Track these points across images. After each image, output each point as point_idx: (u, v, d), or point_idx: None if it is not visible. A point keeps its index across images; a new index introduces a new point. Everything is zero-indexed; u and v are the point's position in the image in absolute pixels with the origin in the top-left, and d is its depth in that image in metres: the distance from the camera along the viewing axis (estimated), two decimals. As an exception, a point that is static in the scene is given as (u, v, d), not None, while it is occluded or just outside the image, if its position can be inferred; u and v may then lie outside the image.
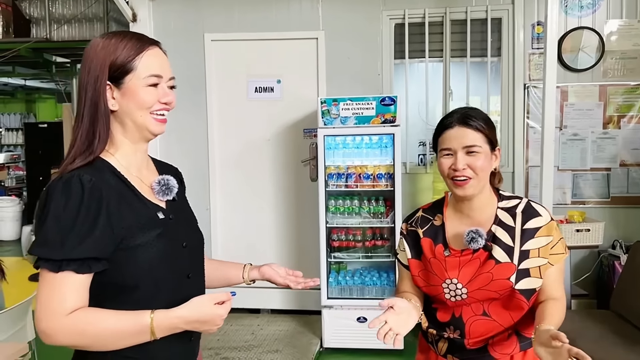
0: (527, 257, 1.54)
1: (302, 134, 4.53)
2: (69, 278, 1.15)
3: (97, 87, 1.24)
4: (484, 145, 1.55)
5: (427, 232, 1.66)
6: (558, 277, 1.57)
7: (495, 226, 1.58)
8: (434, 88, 4.45)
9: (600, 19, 4.23)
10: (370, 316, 3.83)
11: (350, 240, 4.04)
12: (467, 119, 1.56)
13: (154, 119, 1.28)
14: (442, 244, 1.62)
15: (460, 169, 1.53)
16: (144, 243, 1.23)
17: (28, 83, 10.40)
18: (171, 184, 1.34)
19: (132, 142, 1.30)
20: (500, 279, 1.53)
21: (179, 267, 1.32)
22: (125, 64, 1.25)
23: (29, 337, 2.80)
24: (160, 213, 1.30)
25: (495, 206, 1.61)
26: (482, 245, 1.54)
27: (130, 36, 1.28)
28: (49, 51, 6.71)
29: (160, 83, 1.29)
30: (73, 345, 1.20)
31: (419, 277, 1.66)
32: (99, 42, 1.27)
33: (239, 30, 4.53)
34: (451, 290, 1.58)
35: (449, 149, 1.56)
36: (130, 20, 4.54)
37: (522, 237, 1.55)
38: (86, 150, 1.24)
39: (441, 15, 4.36)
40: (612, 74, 4.25)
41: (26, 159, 9.16)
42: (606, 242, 4.11)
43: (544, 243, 1.54)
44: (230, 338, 4.11)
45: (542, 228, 1.55)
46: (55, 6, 6.06)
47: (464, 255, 1.58)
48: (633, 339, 2.86)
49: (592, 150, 4.29)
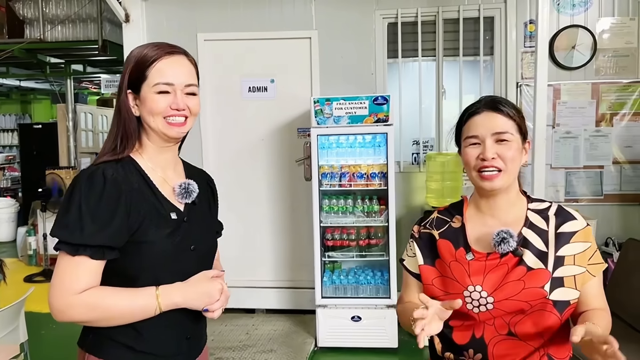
0: (562, 264, 1.36)
1: (297, 134, 4.53)
2: (84, 262, 1.25)
3: (121, 94, 1.36)
4: (516, 134, 1.38)
5: (444, 234, 1.47)
6: (600, 289, 1.40)
7: (526, 229, 1.40)
8: (427, 87, 4.45)
9: (592, 17, 4.24)
10: (365, 315, 3.86)
11: (345, 239, 4.04)
12: (497, 103, 1.40)
13: (167, 123, 1.35)
14: (463, 247, 1.43)
15: (489, 158, 1.35)
16: (152, 240, 1.31)
17: (23, 84, 10.38)
18: (191, 188, 1.42)
19: (156, 144, 1.39)
20: (533, 288, 1.34)
21: (183, 269, 1.36)
22: (140, 73, 1.33)
23: (22, 338, 2.79)
24: (173, 214, 1.37)
25: (525, 207, 1.44)
26: (513, 249, 1.36)
27: (152, 46, 1.36)
28: (43, 52, 6.71)
29: (172, 90, 1.34)
30: (84, 320, 1.28)
31: (434, 286, 1.45)
32: (130, 53, 1.39)
33: (232, 30, 4.52)
34: (474, 299, 1.37)
35: (475, 137, 1.39)
36: (123, 20, 4.53)
37: (556, 241, 1.38)
38: (113, 149, 1.35)
39: (434, 15, 4.37)
40: (604, 71, 4.26)
41: (21, 159, 9.13)
42: (599, 240, 4.13)
43: (580, 249, 1.37)
44: (225, 338, 4.11)
45: (579, 233, 1.39)
46: (49, 7, 6.06)
47: (490, 259, 1.38)
48: (626, 337, 2.86)
49: (585, 148, 4.30)
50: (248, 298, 4.61)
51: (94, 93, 11.41)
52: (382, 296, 3.90)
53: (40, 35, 6.00)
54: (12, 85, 10.59)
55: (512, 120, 1.39)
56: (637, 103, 4.22)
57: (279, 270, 4.64)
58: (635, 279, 3.09)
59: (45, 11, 6.00)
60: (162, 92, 1.33)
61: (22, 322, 2.83)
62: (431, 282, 1.46)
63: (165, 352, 1.36)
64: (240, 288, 4.55)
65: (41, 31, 5.98)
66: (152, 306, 1.28)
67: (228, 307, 5.26)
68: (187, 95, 1.37)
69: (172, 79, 1.33)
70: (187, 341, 1.42)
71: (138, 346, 1.32)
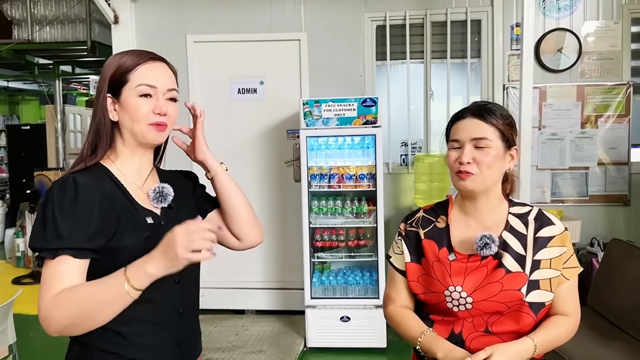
0: (539, 267, 1.42)
1: (286, 135, 4.55)
2: (65, 261, 1.21)
3: (100, 99, 1.34)
4: (496, 140, 1.43)
5: (429, 234, 1.52)
6: (573, 293, 1.46)
7: (506, 232, 1.46)
8: (416, 89, 4.50)
9: (577, 21, 4.31)
10: (354, 315, 3.89)
11: (334, 240, 4.07)
12: (482, 110, 1.46)
13: (149, 126, 1.33)
14: (446, 248, 1.48)
15: (465, 162, 1.42)
16: (129, 245, 1.27)
17: (11, 84, 10.31)
18: (166, 192, 1.39)
19: (131, 150, 1.37)
20: (511, 290, 1.40)
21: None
22: (122, 76, 1.32)
23: (10, 340, 2.79)
24: (149, 218, 1.34)
25: (506, 211, 1.49)
26: (493, 253, 1.41)
27: (132, 52, 1.36)
28: (32, 53, 6.68)
29: (154, 93, 1.33)
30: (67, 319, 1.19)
31: (418, 283, 1.52)
32: (108, 60, 1.37)
33: (222, 32, 4.54)
34: (454, 299, 1.44)
35: (457, 141, 1.46)
36: (112, 22, 4.53)
37: (534, 245, 1.43)
38: (90, 156, 1.34)
39: (421, 17, 4.41)
40: (589, 74, 4.33)
41: (9, 161, 9.07)
42: (585, 240, 4.19)
43: (557, 254, 1.43)
44: (214, 339, 4.12)
45: (556, 237, 1.45)
46: (37, 7, 6.03)
47: (471, 261, 1.44)
48: (609, 335, 2.92)
49: (570, 149, 4.36)
50: (238, 299, 4.62)
51: (83, 94, 11.35)
52: (370, 296, 3.93)
53: (28, 36, 5.97)
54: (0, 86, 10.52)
55: (493, 127, 1.44)
56: (621, 105, 4.29)
57: (268, 271, 4.66)
58: (619, 279, 3.14)
59: (34, 12, 5.97)
60: (145, 95, 1.32)
61: (10, 324, 2.83)
62: (416, 279, 1.52)
63: (156, 358, 1.34)
64: (230, 289, 4.57)
65: (29, 32, 5.96)
66: (121, 284, 1.18)
67: (218, 308, 5.21)
68: (168, 100, 1.37)
69: (155, 82, 1.33)
70: (179, 347, 1.39)
71: (127, 353, 1.30)
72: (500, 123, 1.45)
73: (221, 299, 4.58)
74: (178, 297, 1.38)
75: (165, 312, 1.35)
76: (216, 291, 4.51)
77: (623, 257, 3.22)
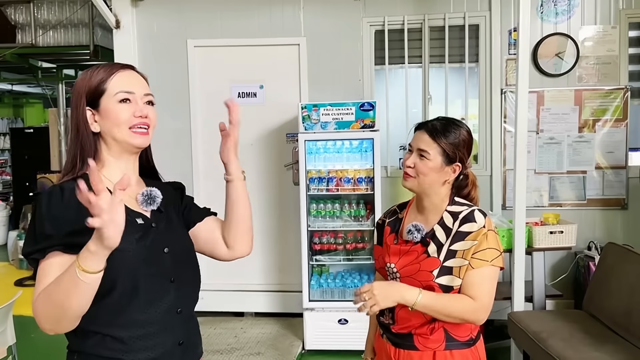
0: (453, 256, 1.68)
1: (285, 139, 4.59)
2: (54, 258, 1.23)
3: (77, 113, 1.37)
4: (436, 156, 1.72)
5: (390, 223, 1.88)
6: (477, 280, 1.65)
7: (437, 226, 1.74)
8: (414, 93, 4.53)
9: (575, 25, 4.33)
10: (352, 318, 3.91)
11: (332, 243, 4.11)
12: (433, 128, 1.75)
13: (133, 132, 1.37)
14: (395, 234, 1.84)
15: (406, 165, 1.76)
16: (123, 247, 1.25)
17: (15, 88, 10.39)
18: (154, 194, 1.41)
19: (116, 158, 1.40)
20: (425, 271, 1.70)
21: (160, 271, 1.36)
22: (98, 87, 1.36)
23: (10, 341, 2.83)
24: (139, 219, 1.37)
25: (444, 209, 1.76)
26: (419, 239, 1.72)
27: (104, 65, 1.41)
28: (35, 56, 6.74)
29: (132, 99, 1.37)
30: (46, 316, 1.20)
31: (378, 260, 1.91)
32: (80, 77, 1.41)
33: (222, 37, 4.58)
34: (390, 272, 1.79)
35: (410, 147, 1.79)
36: (114, 26, 4.58)
37: (453, 237, 1.69)
38: (72, 168, 1.37)
39: (420, 22, 4.44)
40: (587, 78, 4.35)
41: (12, 163, 9.14)
42: (582, 244, 4.20)
43: (468, 246, 1.67)
44: (213, 341, 4.16)
45: (473, 233, 1.67)
46: (41, 12, 6.08)
47: (406, 245, 1.77)
48: (602, 338, 2.94)
49: (568, 153, 4.38)
50: (237, 301, 4.65)
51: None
52: (368, 299, 3.95)
53: (32, 40, 6.03)
54: (4, 89, 10.59)
55: (436, 143, 1.72)
56: (619, 109, 4.30)
57: (267, 273, 4.69)
58: (614, 282, 3.16)
59: (37, 16, 6.03)
60: (124, 101, 1.36)
61: (10, 325, 2.87)
62: (377, 257, 1.92)
63: (158, 358, 1.35)
64: (229, 292, 4.60)
65: (33, 36, 6.01)
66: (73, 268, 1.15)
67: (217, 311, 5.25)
68: (146, 104, 1.40)
69: (132, 88, 1.38)
70: (180, 347, 1.41)
71: (127, 357, 1.31)
72: (445, 142, 1.71)
73: (220, 301, 4.61)
74: (175, 296, 1.39)
75: (163, 312, 1.36)
76: (215, 293, 4.54)
77: (618, 261, 3.24)
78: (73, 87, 1.42)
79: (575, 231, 3.67)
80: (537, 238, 3.62)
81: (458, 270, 1.67)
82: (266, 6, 4.53)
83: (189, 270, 1.47)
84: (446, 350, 1.69)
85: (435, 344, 1.69)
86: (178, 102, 4.59)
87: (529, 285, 3.60)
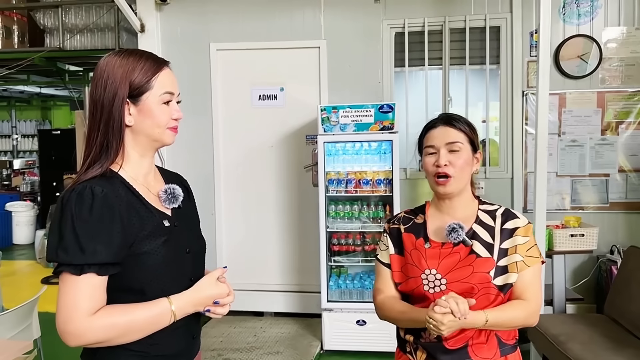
0: (506, 254, 1.59)
1: (305, 141, 4.63)
2: (90, 280, 1.23)
3: (115, 103, 1.31)
4: (466, 143, 1.63)
5: (408, 229, 1.71)
6: (533, 280, 1.59)
7: (476, 225, 1.63)
8: (434, 95, 4.53)
9: (598, 27, 4.28)
10: (370, 319, 3.92)
11: (350, 244, 4.13)
12: (450, 119, 1.66)
13: (168, 132, 1.39)
14: (423, 238, 1.66)
15: (442, 165, 1.59)
16: (150, 250, 1.31)
17: (43, 91, 10.64)
18: (177, 193, 1.43)
19: (140, 153, 1.39)
20: (481, 272, 1.57)
21: (183, 272, 1.40)
22: (144, 84, 1.33)
23: (35, 335, 2.92)
24: (166, 221, 1.38)
25: (476, 208, 1.67)
26: (462, 239, 1.58)
27: (146, 56, 1.37)
28: (62, 60, 6.89)
29: (172, 100, 1.39)
30: (101, 340, 1.24)
31: (400, 272, 1.68)
32: (115, 60, 1.34)
33: (244, 40, 4.65)
34: (430, 281, 1.60)
35: (432, 147, 1.63)
36: (139, 30, 4.68)
37: (501, 235, 1.61)
38: (99, 161, 1.32)
39: (440, 24, 4.44)
40: (610, 80, 4.29)
41: (40, 164, 9.36)
42: (605, 248, 4.16)
43: (521, 242, 1.60)
44: (233, 340, 4.21)
45: (520, 229, 1.61)
46: (69, 16, 6.23)
47: (445, 248, 1.62)
48: (622, 343, 2.90)
49: (590, 156, 4.33)
50: (256, 301, 4.70)
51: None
52: (386, 301, 3.96)
53: (59, 44, 6.17)
54: (32, 92, 10.85)
55: (462, 132, 1.63)
56: (643, 112, 4.24)
57: (286, 274, 4.73)
58: (635, 286, 3.12)
59: (65, 21, 6.17)
60: (166, 102, 1.37)
61: (35, 319, 2.96)
62: (399, 269, 1.69)
63: (176, 352, 1.40)
64: (249, 291, 4.65)
65: (60, 40, 6.16)
66: (167, 317, 1.29)
67: (237, 310, 5.31)
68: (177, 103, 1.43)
69: (173, 89, 1.39)
70: (194, 340, 1.47)
71: (152, 351, 1.34)
72: (467, 129, 1.64)
73: (240, 301, 4.65)
74: None
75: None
76: (236, 293, 4.51)
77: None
78: (102, 69, 1.34)
79: (597, 234, 3.63)
80: (557, 241, 3.59)
81: (515, 266, 1.58)
82: (287, 10, 4.58)
83: (202, 267, 1.52)
84: (502, 357, 1.60)
85: (491, 353, 1.58)
86: (200, 104, 4.67)
87: (549, 289, 3.58)
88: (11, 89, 10.36)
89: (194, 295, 1.34)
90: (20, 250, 8.16)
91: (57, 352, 4.05)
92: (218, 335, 4.27)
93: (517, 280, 1.58)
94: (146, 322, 1.28)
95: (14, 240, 8.47)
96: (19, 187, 9.84)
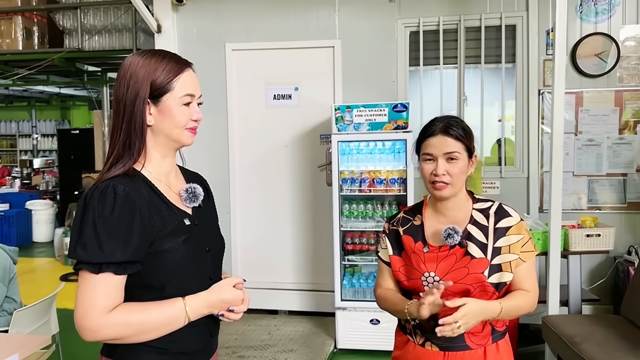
0: (499, 253, 1.67)
1: (319, 140, 4.64)
2: (108, 278, 1.26)
3: (137, 103, 1.34)
4: (463, 152, 1.69)
5: (407, 231, 1.77)
6: (529, 273, 1.71)
7: (471, 225, 1.71)
8: (449, 94, 4.51)
9: (615, 25, 4.23)
10: (384, 318, 3.92)
11: (364, 243, 4.13)
12: (449, 128, 1.69)
13: (187, 133, 1.41)
14: (421, 242, 1.74)
15: (440, 175, 1.66)
16: (171, 248, 1.34)
17: (62, 91, 10.81)
18: (197, 192, 1.44)
19: (162, 153, 1.41)
20: (475, 273, 1.65)
21: (203, 270, 1.42)
22: (165, 84, 1.35)
23: (53, 330, 2.98)
24: (186, 220, 1.40)
25: (471, 207, 1.74)
26: (458, 242, 1.66)
27: (169, 57, 1.39)
28: (81, 60, 7.00)
29: (192, 102, 1.40)
30: (117, 337, 1.28)
31: (400, 272, 1.77)
32: (138, 60, 1.36)
33: (259, 40, 4.68)
34: (429, 282, 1.69)
35: (430, 155, 1.69)
36: (155, 31, 4.74)
37: (494, 234, 1.68)
38: (121, 160, 1.34)
39: (455, 23, 4.43)
40: (627, 79, 4.24)
41: (59, 163, 9.50)
42: (622, 248, 4.11)
43: (514, 240, 1.68)
44: (248, 337, 4.24)
45: (513, 227, 1.69)
46: (87, 18, 6.32)
47: (442, 251, 1.70)
48: (639, 344, 2.87)
49: (607, 155, 4.28)
50: (271, 299, 4.73)
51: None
52: (400, 300, 3.96)
53: (78, 44, 6.27)
54: (52, 92, 11.04)
55: (460, 142, 1.68)
56: (662, 111, 4.19)
57: (301, 272, 4.75)
58: (652, 287, 3.08)
59: (84, 22, 6.26)
60: (186, 104, 1.38)
61: (53, 315, 3.03)
62: (398, 269, 1.78)
63: (195, 350, 1.42)
64: (263, 289, 4.68)
65: (79, 41, 6.25)
66: (182, 318, 1.31)
67: (252, 308, 5.32)
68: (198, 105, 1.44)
69: (195, 91, 1.40)
70: (212, 339, 1.48)
71: (172, 348, 1.36)
72: (464, 137, 1.69)
73: (255, 299, 4.65)
74: None
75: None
76: (250, 291, 4.52)
77: (658, 266, 3.16)
78: (125, 68, 1.36)
79: (613, 235, 3.59)
80: (573, 241, 3.56)
81: (508, 266, 1.67)
82: (302, 10, 4.60)
83: (221, 266, 1.54)
84: (493, 344, 1.70)
85: (485, 339, 1.69)
86: (216, 104, 4.71)
87: (564, 289, 3.55)
88: (31, 89, 10.55)
89: (209, 297, 1.36)
90: (39, 247, 8.30)
91: (75, 347, 4.13)
92: (233, 332, 4.30)
93: (515, 276, 1.68)
94: (160, 323, 1.30)
95: (34, 238, 8.63)
96: (39, 185, 10.01)
